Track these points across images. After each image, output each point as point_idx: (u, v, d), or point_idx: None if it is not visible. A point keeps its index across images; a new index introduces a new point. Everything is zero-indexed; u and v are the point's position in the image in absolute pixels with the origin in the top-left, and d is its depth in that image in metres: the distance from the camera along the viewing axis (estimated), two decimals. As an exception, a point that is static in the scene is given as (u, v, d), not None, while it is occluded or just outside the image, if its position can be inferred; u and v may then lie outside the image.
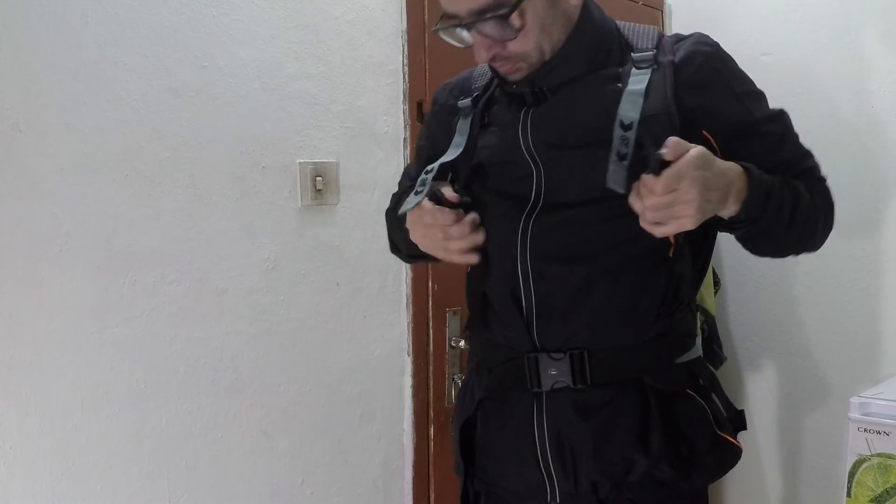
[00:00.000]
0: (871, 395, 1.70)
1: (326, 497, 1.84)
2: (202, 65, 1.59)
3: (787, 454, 2.23)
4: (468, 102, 1.24)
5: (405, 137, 1.93)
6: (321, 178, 1.78)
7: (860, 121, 2.05)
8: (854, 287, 2.08)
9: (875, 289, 2.06)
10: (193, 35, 1.58)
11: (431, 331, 1.98)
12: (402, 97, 1.92)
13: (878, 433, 1.64)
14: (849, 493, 1.68)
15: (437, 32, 1.14)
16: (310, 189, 1.77)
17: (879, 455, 1.64)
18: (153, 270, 1.54)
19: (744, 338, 2.28)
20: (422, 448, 1.98)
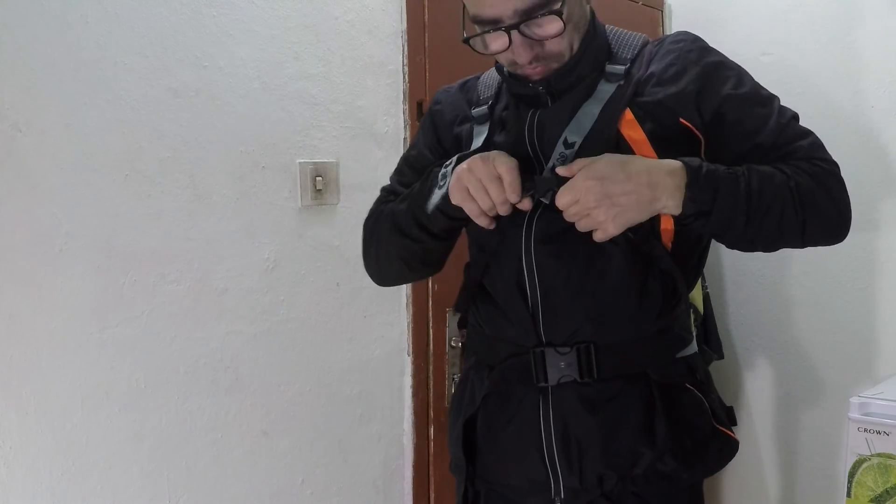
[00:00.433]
0: (872, 395, 1.71)
1: (326, 497, 1.84)
2: (202, 65, 1.59)
3: (787, 454, 2.23)
4: (484, 110, 1.24)
5: (405, 137, 1.93)
6: (321, 178, 1.78)
7: (860, 121, 2.05)
8: (854, 287, 2.09)
9: (875, 289, 2.06)
10: (193, 35, 1.58)
11: (431, 331, 1.98)
12: (402, 97, 1.92)
13: (878, 433, 1.64)
14: (849, 493, 1.68)
15: (469, 41, 1.12)
16: (310, 189, 1.77)
17: (879, 455, 1.64)
18: (153, 270, 1.54)
19: (743, 338, 2.28)
20: (422, 448, 1.98)
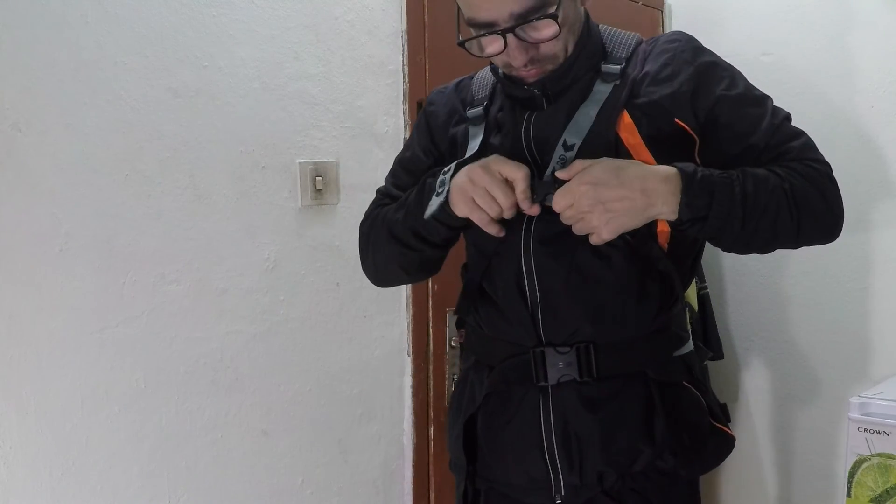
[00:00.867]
0: (871, 395, 1.71)
1: (326, 497, 1.84)
2: (202, 65, 1.59)
3: (786, 454, 2.23)
4: (479, 111, 1.24)
5: (405, 137, 1.92)
6: (321, 178, 1.78)
7: (860, 121, 2.05)
8: (853, 287, 2.09)
9: (874, 289, 2.06)
10: (193, 35, 1.58)
11: (431, 331, 1.98)
12: (402, 97, 1.92)
13: (878, 433, 1.64)
14: (849, 493, 1.68)
15: (464, 45, 1.12)
16: (310, 189, 1.77)
17: (879, 455, 1.64)
18: (153, 270, 1.54)
19: (743, 337, 2.28)
20: (422, 448, 1.98)
